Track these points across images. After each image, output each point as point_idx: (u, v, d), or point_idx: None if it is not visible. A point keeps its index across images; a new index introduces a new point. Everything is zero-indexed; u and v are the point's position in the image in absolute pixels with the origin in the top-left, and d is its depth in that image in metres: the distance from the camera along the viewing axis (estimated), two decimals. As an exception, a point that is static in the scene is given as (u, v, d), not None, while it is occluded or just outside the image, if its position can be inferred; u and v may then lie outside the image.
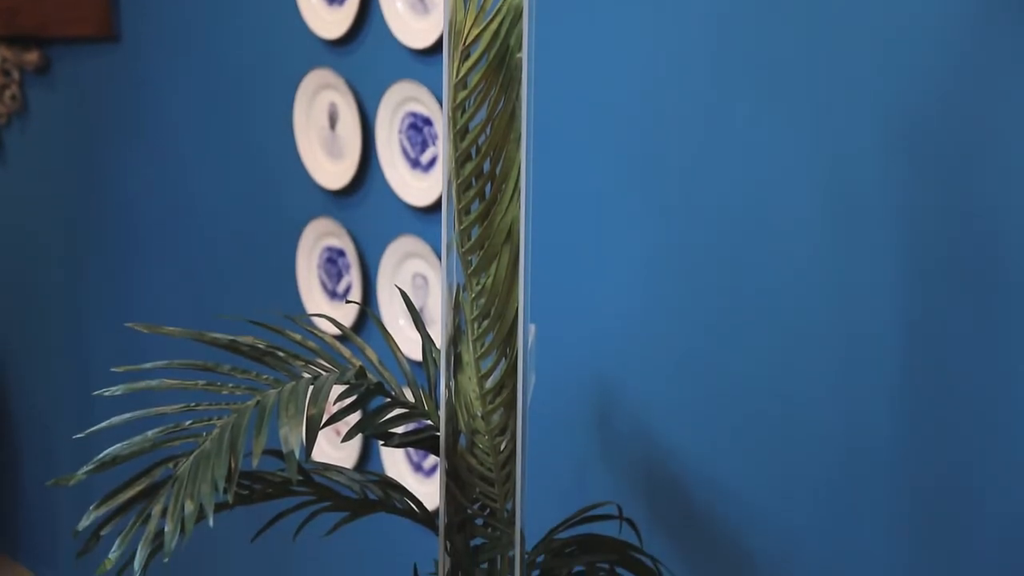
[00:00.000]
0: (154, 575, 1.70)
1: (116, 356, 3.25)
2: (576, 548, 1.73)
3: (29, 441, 3.73)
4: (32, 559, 3.74)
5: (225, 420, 1.39)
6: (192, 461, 1.35)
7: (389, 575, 1.74)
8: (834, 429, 1.89)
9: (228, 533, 2.48)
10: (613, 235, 2.13)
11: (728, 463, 2.02)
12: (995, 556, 1.76)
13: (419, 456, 2.53)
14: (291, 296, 2.75)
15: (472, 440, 1.50)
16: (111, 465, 1.37)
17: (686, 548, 2.08)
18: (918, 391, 1.80)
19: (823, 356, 1.89)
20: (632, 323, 2.12)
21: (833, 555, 1.92)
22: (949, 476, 1.79)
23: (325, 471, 1.63)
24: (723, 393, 2.01)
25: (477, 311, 1.47)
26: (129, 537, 1.33)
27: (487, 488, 1.51)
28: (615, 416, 2.16)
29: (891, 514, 1.85)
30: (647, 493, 2.12)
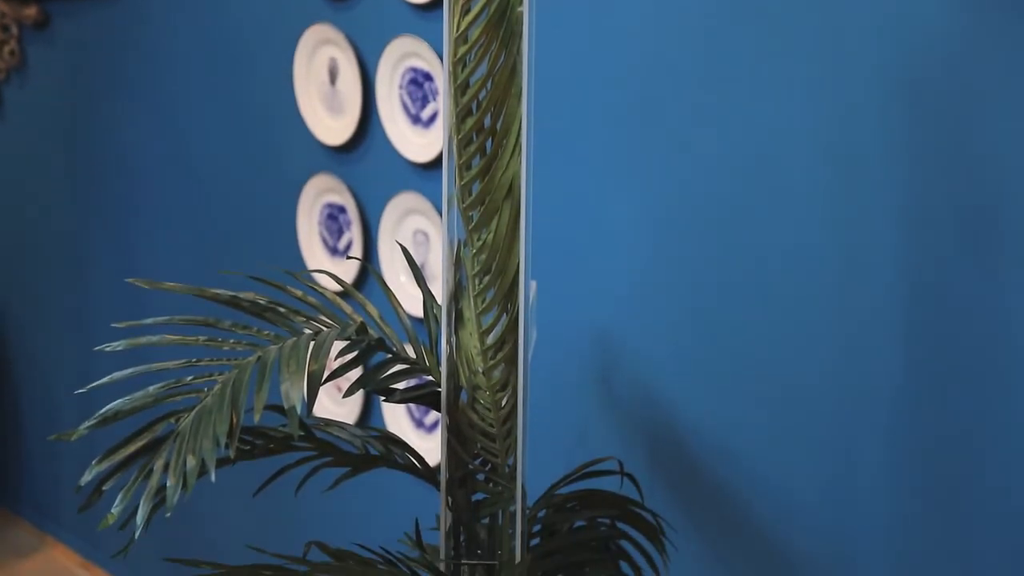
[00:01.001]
0: (157, 530, 1.71)
1: (117, 312, 3.26)
2: (577, 503, 1.73)
3: (31, 397, 3.74)
4: (35, 514, 3.75)
5: (226, 376, 1.39)
6: (194, 416, 1.35)
7: (391, 530, 1.75)
8: (836, 385, 1.89)
9: (230, 488, 2.49)
10: (615, 191, 2.12)
11: (729, 418, 2.02)
12: (998, 506, 1.76)
13: (420, 412, 2.54)
14: (292, 252, 2.75)
15: (473, 396, 1.50)
16: (113, 420, 1.37)
17: (687, 503, 2.08)
18: (921, 343, 1.80)
19: (825, 312, 1.89)
20: (634, 278, 2.12)
21: (833, 510, 1.92)
22: (950, 429, 1.79)
23: (326, 427, 1.63)
24: (724, 348, 2.01)
25: (478, 267, 1.47)
26: (131, 492, 1.34)
27: (488, 444, 1.51)
28: (616, 372, 2.16)
29: (892, 469, 1.85)
30: (648, 449, 2.12)
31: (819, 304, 1.89)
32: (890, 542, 1.87)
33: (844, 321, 1.87)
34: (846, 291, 1.86)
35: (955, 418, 1.78)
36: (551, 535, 1.71)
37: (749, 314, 1.97)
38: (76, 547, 3.59)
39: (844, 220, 1.85)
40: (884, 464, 1.86)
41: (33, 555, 3.64)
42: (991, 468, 1.76)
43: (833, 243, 1.86)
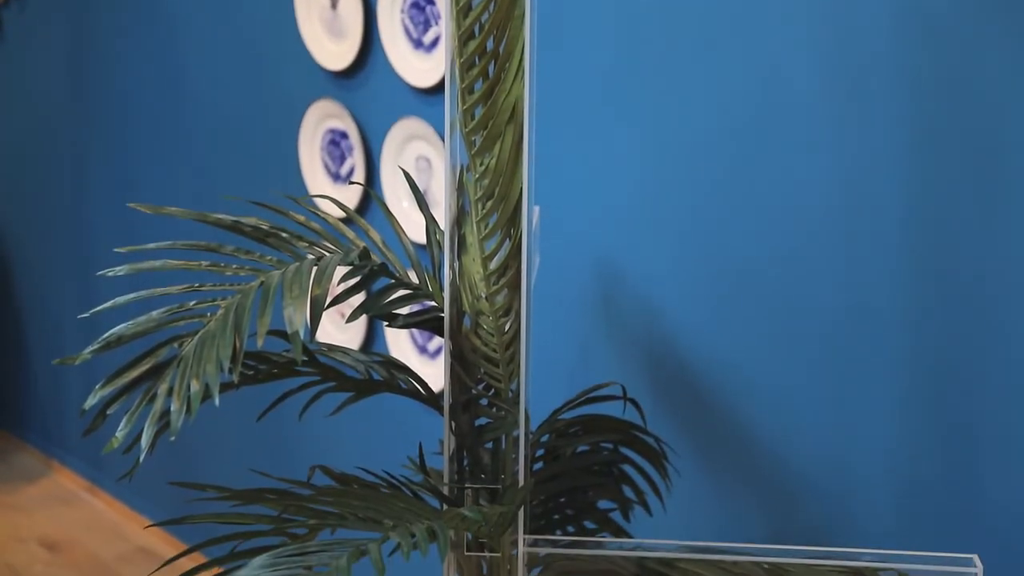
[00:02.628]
0: (161, 454, 1.72)
1: (119, 237, 3.26)
2: (580, 428, 1.74)
3: (34, 322, 3.75)
4: (40, 439, 3.77)
5: (229, 300, 1.39)
6: (197, 341, 1.35)
7: (394, 455, 1.76)
8: (839, 309, 1.89)
9: (234, 414, 2.50)
10: (618, 116, 2.11)
11: (731, 341, 2.03)
12: (1000, 429, 1.77)
13: (423, 338, 2.54)
14: (294, 178, 2.74)
15: (476, 321, 1.50)
16: (116, 345, 1.37)
17: (689, 427, 2.09)
18: (925, 266, 1.80)
19: (827, 231, 1.88)
20: (636, 203, 2.11)
21: (835, 434, 1.93)
22: (954, 353, 1.79)
23: (330, 352, 1.63)
24: (727, 272, 2.01)
25: (481, 192, 1.46)
26: (135, 416, 1.34)
27: (491, 369, 1.51)
28: (619, 297, 2.16)
29: (895, 391, 1.86)
30: (650, 373, 2.13)
31: (822, 226, 1.89)
32: (892, 465, 1.88)
33: (848, 243, 1.87)
34: (849, 213, 1.85)
35: (959, 342, 1.78)
36: (554, 459, 1.72)
37: (751, 238, 1.97)
38: (81, 471, 3.61)
39: (847, 141, 1.84)
40: (887, 387, 1.86)
41: (39, 479, 3.67)
42: (993, 391, 1.76)
43: (836, 166, 1.85)
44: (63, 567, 3.23)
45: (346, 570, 1.23)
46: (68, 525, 3.43)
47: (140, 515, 3.41)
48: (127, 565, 3.24)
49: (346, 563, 1.24)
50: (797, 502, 1.99)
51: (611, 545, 1.57)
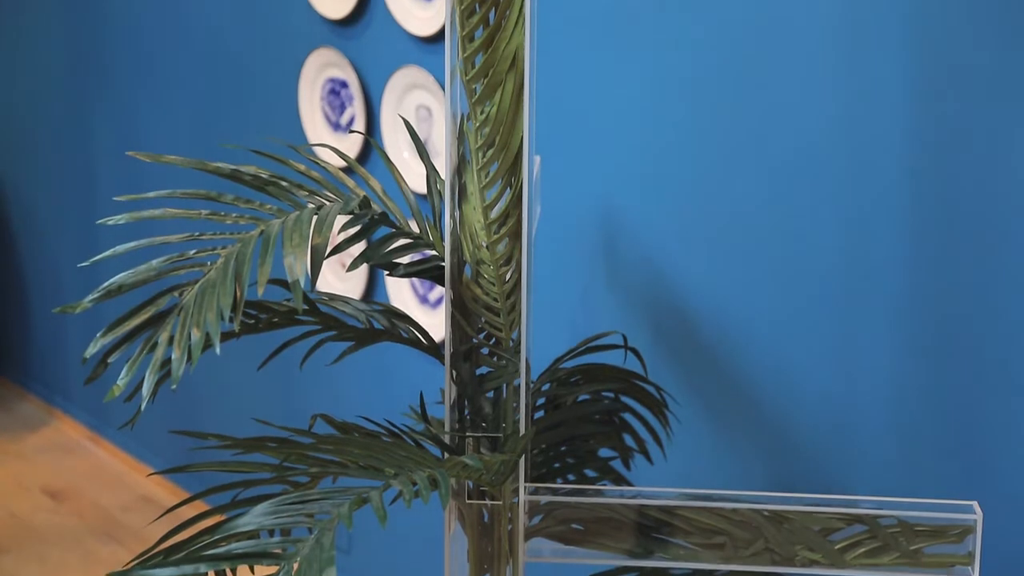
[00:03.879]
0: (162, 403, 1.72)
1: (119, 185, 3.25)
2: (581, 377, 1.74)
3: (35, 271, 3.75)
4: (43, 388, 3.78)
5: (229, 249, 1.38)
6: (197, 290, 1.35)
7: (395, 404, 1.76)
8: (838, 254, 1.89)
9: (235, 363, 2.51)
10: (619, 64, 2.10)
11: (733, 291, 2.03)
12: (998, 372, 1.77)
13: (425, 288, 2.54)
14: (294, 128, 2.73)
15: (477, 270, 1.50)
16: (117, 293, 1.37)
17: (690, 376, 2.09)
18: (927, 208, 1.80)
19: (828, 181, 1.88)
20: (638, 152, 2.10)
21: (834, 378, 1.94)
22: (954, 294, 1.79)
23: (330, 301, 1.63)
24: (728, 220, 2.01)
25: (481, 140, 1.46)
26: (137, 364, 1.34)
27: (492, 318, 1.51)
28: (620, 246, 2.16)
29: (894, 336, 1.86)
30: (652, 322, 2.13)
31: (823, 173, 1.88)
32: (892, 412, 1.88)
33: (849, 186, 1.86)
34: (850, 159, 1.85)
35: (960, 288, 1.78)
36: (555, 408, 1.72)
37: (752, 185, 1.96)
38: (84, 420, 3.62)
39: (851, 84, 1.83)
40: (887, 334, 1.86)
41: (41, 428, 3.68)
42: (994, 338, 1.76)
43: (836, 113, 1.84)
44: (66, 515, 3.25)
45: (348, 517, 1.23)
46: (71, 474, 3.44)
47: (143, 464, 3.42)
48: (130, 513, 3.25)
49: (348, 511, 1.24)
50: (797, 450, 2.00)
51: (612, 493, 1.57)
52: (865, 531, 1.49)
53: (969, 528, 1.48)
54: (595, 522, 1.54)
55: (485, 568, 1.57)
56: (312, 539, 1.21)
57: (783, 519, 1.49)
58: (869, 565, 1.48)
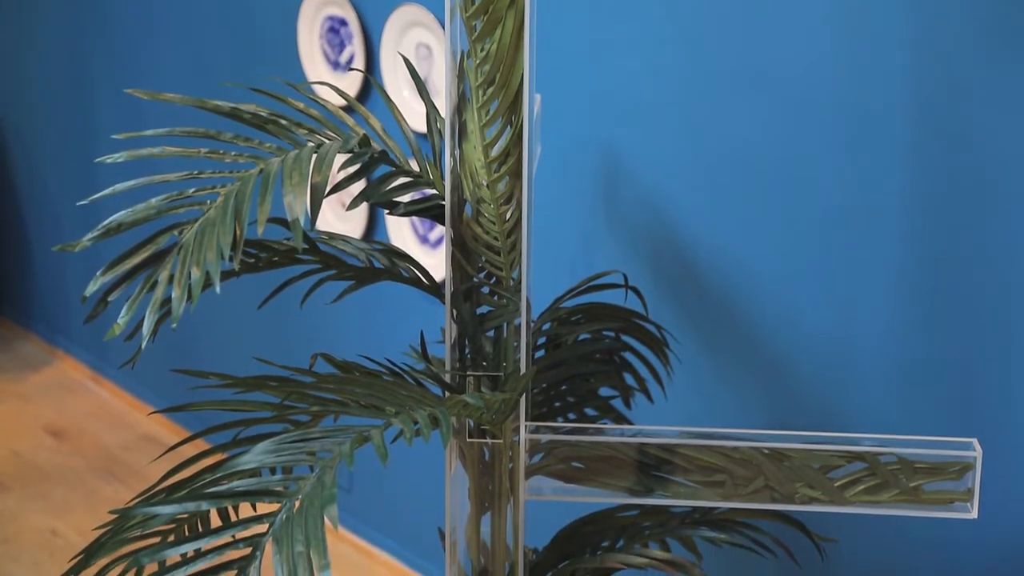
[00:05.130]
0: (164, 343, 1.72)
1: (117, 124, 3.24)
2: (582, 316, 1.74)
3: (35, 210, 3.74)
4: (45, 328, 3.79)
5: (229, 188, 1.38)
6: (197, 228, 1.34)
7: (396, 343, 1.76)
8: (841, 192, 1.89)
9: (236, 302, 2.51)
10: (620, 2, 2.08)
11: (733, 228, 2.02)
12: (997, 315, 1.77)
13: (425, 228, 2.54)
14: (293, 67, 2.72)
15: (477, 209, 1.50)
16: (116, 232, 1.37)
17: (690, 315, 2.10)
18: (928, 156, 1.79)
19: (831, 122, 1.87)
20: (639, 91, 2.09)
21: (834, 316, 1.94)
22: (951, 229, 1.79)
23: (330, 240, 1.63)
24: (729, 161, 2.00)
25: (481, 78, 1.45)
26: (137, 303, 1.34)
27: (493, 257, 1.51)
28: (621, 185, 2.15)
29: (892, 273, 1.86)
30: (652, 261, 2.12)
31: (824, 113, 1.87)
32: (892, 350, 1.89)
33: (853, 127, 1.85)
34: (852, 101, 1.84)
35: (960, 227, 1.78)
36: (555, 347, 1.72)
37: (753, 124, 1.96)
38: (85, 360, 3.63)
39: (852, 26, 1.81)
40: (887, 273, 1.86)
41: (43, 368, 3.69)
42: (994, 275, 1.76)
43: (840, 52, 1.83)
44: (69, 454, 3.26)
45: (349, 455, 1.24)
46: (73, 413, 3.45)
47: (144, 404, 3.44)
48: (132, 453, 3.27)
49: (349, 449, 1.25)
50: (798, 388, 2.00)
51: (612, 431, 1.58)
52: (865, 468, 1.49)
53: (968, 465, 1.48)
54: (595, 460, 1.54)
55: (486, 506, 1.58)
56: (314, 477, 1.22)
57: (783, 457, 1.50)
58: (868, 502, 1.49)
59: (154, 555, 1.19)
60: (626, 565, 1.60)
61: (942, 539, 1.88)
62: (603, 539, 1.67)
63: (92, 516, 2.95)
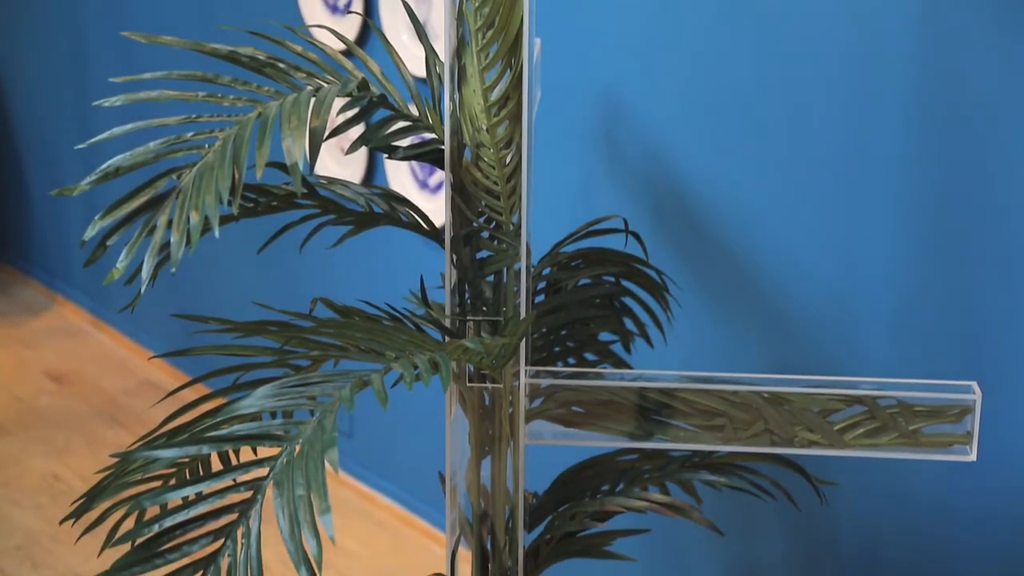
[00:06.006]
0: (163, 288, 1.72)
1: (115, 67, 3.22)
2: (582, 261, 1.74)
3: (33, 155, 3.73)
4: (45, 273, 3.79)
5: (227, 132, 1.37)
6: (195, 172, 1.34)
7: (396, 288, 1.76)
8: (841, 136, 1.88)
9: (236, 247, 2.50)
10: (621, -56, 2.07)
11: (735, 175, 2.02)
12: (998, 253, 1.77)
13: (424, 173, 2.53)
14: (291, 10, 2.70)
15: (477, 153, 1.49)
16: (114, 175, 1.36)
17: (691, 260, 2.09)
18: (926, 94, 1.78)
19: (830, 62, 1.86)
20: (639, 34, 2.08)
21: (834, 260, 1.94)
22: (952, 171, 1.79)
23: (329, 184, 1.62)
24: (730, 105, 1.99)
25: (481, 21, 1.44)
26: (136, 247, 1.34)
27: (493, 201, 1.51)
28: (621, 130, 2.15)
29: (892, 216, 1.85)
30: (652, 206, 2.12)
31: (826, 57, 1.86)
32: (892, 294, 1.89)
33: (852, 74, 1.84)
34: (854, 45, 1.83)
35: (961, 169, 1.77)
36: (555, 292, 1.72)
37: (755, 68, 1.94)
38: (86, 305, 3.63)
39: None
40: (887, 217, 1.86)
41: (44, 313, 3.69)
42: (993, 220, 1.76)
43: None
44: (70, 399, 3.27)
45: (349, 400, 1.24)
46: (73, 358, 3.46)
47: (145, 349, 3.44)
48: (132, 397, 3.28)
49: (349, 393, 1.25)
50: (798, 332, 2.01)
51: (612, 376, 1.58)
52: (864, 412, 1.50)
53: (968, 408, 1.48)
54: (595, 405, 1.55)
55: (486, 451, 1.58)
56: (314, 421, 1.22)
57: (783, 401, 1.50)
58: (867, 445, 1.49)
59: (156, 498, 1.20)
60: (626, 508, 1.61)
61: (941, 483, 1.89)
62: (603, 483, 1.67)
63: (93, 460, 2.96)
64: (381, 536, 2.77)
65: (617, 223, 1.78)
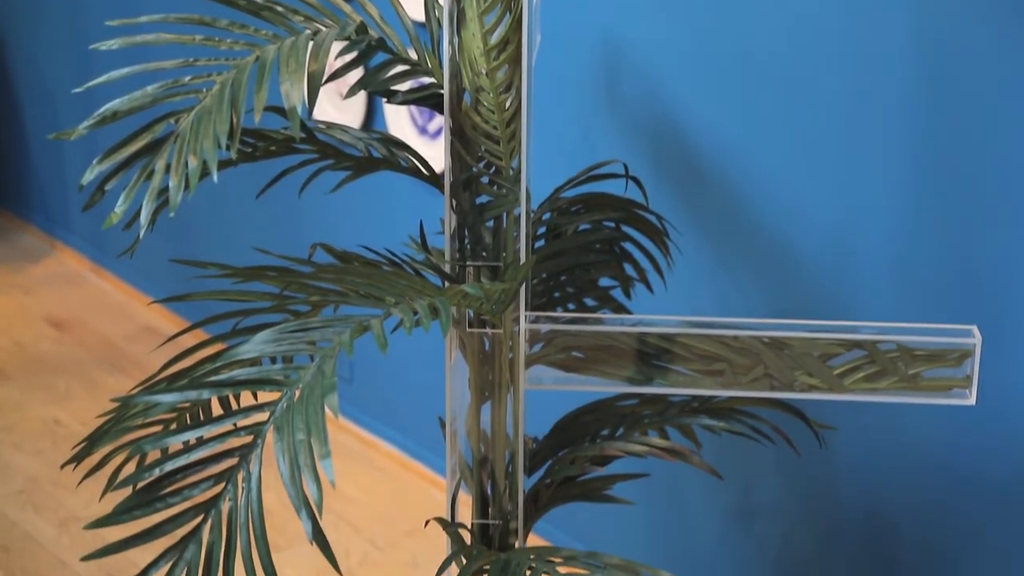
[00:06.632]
0: (163, 234, 1.72)
1: (112, 10, 3.19)
2: (582, 206, 1.74)
3: (31, 99, 3.72)
4: (44, 220, 3.78)
5: (225, 76, 1.36)
6: (193, 117, 1.33)
7: (396, 234, 1.76)
8: (842, 81, 1.87)
9: (235, 193, 2.50)
10: None
11: (736, 121, 2.01)
12: (999, 187, 1.77)
13: (424, 119, 2.52)
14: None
15: (476, 98, 1.48)
16: (112, 120, 1.36)
17: (691, 205, 2.09)
18: (928, 41, 1.77)
19: (832, 6, 1.85)
20: (640, -21, 2.06)
21: (835, 205, 1.93)
22: (953, 114, 1.78)
23: (328, 129, 1.61)
24: (731, 48, 1.98)
25: (481, -37, 1.42)
26: (134, 192, 1.34)
27: (492, 146, 1.50)
28: (622, 75, 2.13)
29: (893, 159, 1.85)
30: (653, 151, 2.11)
31: (828, 15, 1.85)
32: (892, 238, 1.88)
33: (853, 14, 1.83)
34: None
35: (963, 111, 1.77)
36: (555, 237, 1.72)
37: (758, 10, 1.93)
38: (85, 251, 3.63)
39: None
40: (888, 160, 1.85)
41: (44, 259, 3.69)
42: (995, 160, 1.75)
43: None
44: (70, 345, 3.28)
45: (349, 344, 1.24)
46: (73, 304, 3.46)
47: (145, 295, 3.44)
48: (132, 343, 3.28)
49: (349, 338, 1.25)
50: (798, 277, 2.00)
51: (612, 321, 1.58)
52: (864, 356, 1.50)
53: (968, 352, 1.48)
54: (595, 350, 1.55)
55: (486, 396, 1.58)
56: (314, 366, 1.22)
57: (783, 345, 1.50)
58: (867, 389, 1.49)
59: (156, 442, 1.20)
60: (625, 453, 1.61)
61: (941, 427, 1.89)
62: (602, 428, 1.68)
63: (94, 405, 2.97)
64: (381, 481, 2.78)
65: (617, 168, 1.77)
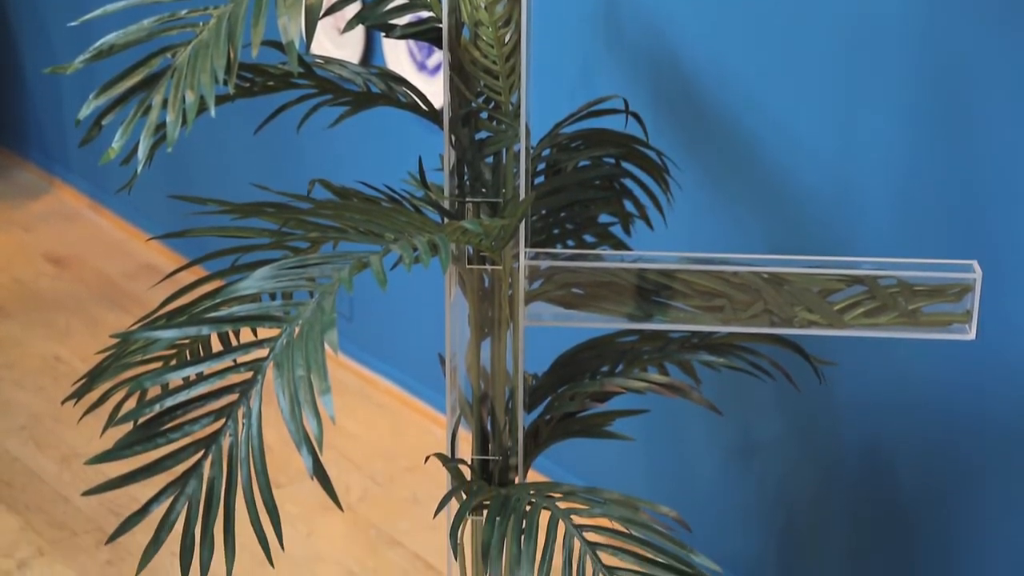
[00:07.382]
0: (161, 171, 1.71)
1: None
2: (581, 142, 1.73)
3: (28, 37, 3.69)
4: (42, 157, 3.77)
5: (222, 9, 1.35)
6: (190, 51, 1.32)
7: (395, 171, 1.75)
8: (843, 16, 1.86)
9: (233, 129, 2.49)
10: None
11: (735, 55, 1.99)
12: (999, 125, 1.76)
13: (423, 55, 2.50)
14: None
15: (475, 32, 1.47)
16: (108, 54, 1.35)
17: (692, 141, 2.08)
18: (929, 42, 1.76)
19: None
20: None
21: (836, 141, 1.92)
22: (955, 55, 1.77)
23: (327, 64, 1.60)
24: (733, -15, 1.96)
25: None
26: (131, 127, 1.33)
27: (491, 81, 1.49)
28: (622, 9, 2.12)
29: (894, 96, 1.84)
30: (653, 86, 2.10)
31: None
32: (893, 174, 1.88)
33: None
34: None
35: (964, 54, 1.75)
36: (555, 173, 1.71)
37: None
38: (84, 189, 3.62)
39: None
40: (889, 98, 1.84)
41: (42, 196, 3.68)
42: (995, 101, 1.75)
43: None
44: (69, 282, 3.28)
45: (348, 281, 1.23)
46: (72, 241, 3.46)
47: (143, 232, 3.44)
48: (131, 280, 3.28)
49: (348, 274, 1.24)
50: (798, 213, 2.00)
51: (611, 257, 1.57)
52: (864, 292, 1.49)
53: (968, 287, 1.48)
54: (595, 286, 1.55)
55: (486, 332, 1.58)
56: (313, 303, 1.22)
57: (783, 281, 1.50)
58: (867, 325, 1.49)
59: (156, 378, 1.20)
60: (625, 389, 1.62)
61: (941, 363, 1.90)
62: (602, 364, 1.68)
63: (94, 342, 2.97)
64: (381, 418, 2.79)
65: (617, 103, 1.76)
